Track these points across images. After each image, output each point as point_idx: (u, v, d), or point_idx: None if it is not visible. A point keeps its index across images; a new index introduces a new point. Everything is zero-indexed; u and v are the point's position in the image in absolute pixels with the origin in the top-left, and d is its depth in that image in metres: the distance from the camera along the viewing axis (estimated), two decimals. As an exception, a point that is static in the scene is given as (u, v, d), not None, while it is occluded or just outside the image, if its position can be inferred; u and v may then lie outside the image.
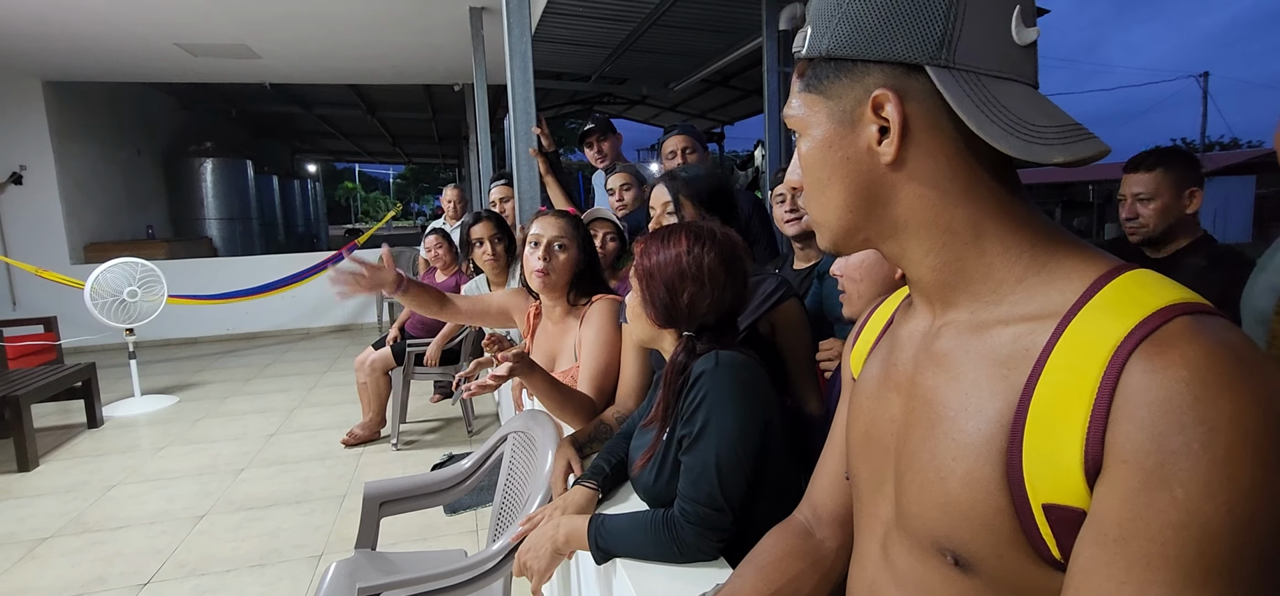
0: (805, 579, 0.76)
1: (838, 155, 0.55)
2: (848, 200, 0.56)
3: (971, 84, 0.48)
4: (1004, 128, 0.47)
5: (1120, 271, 0.47)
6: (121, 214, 7.96)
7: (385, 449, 3.62)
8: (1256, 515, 0.38)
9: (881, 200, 0.55)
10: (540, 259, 1.65)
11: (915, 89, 0.50)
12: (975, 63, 0.49)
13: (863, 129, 0.53)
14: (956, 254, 0.53)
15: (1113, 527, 0.41)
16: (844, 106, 0.54)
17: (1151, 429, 0.40)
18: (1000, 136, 0.47)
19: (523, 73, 2.70)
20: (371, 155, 19.85)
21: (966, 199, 0.52)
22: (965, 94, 0.48)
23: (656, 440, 1.09)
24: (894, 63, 0.50)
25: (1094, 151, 0.47)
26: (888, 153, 0.52)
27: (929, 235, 0.54)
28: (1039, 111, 0.48)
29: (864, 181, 0.54)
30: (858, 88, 0.52)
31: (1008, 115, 0.47)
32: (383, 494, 1.68)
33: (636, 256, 1.16)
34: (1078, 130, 0.48)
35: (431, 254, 4.00)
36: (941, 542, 0.52)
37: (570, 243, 1.68)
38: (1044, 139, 0.47)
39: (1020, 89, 0.49)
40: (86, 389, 4.05)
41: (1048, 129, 0.47)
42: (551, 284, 1.67)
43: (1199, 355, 0.40)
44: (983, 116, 0.47)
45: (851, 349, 0.73)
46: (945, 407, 0.52)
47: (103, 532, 2.74)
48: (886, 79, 0.51)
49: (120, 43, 5.56)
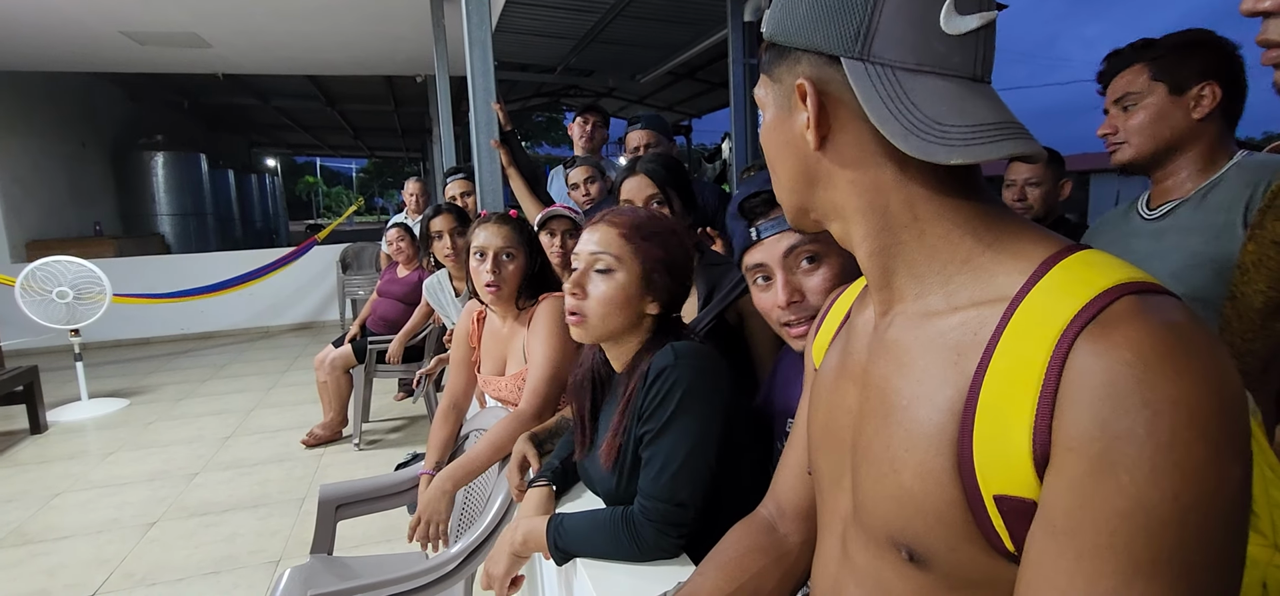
0: (768, 575, 0.75)
1: (782, 137, 0.56)
2: (793, 182, 0.57)
3: (883, 79, 0.48)
4: (905, 126, 0.46)
5: (1069, 251, 0.46)
6: (66, 210, 7.63)
7: (347, 449, 3.53)
8: (1204, 499, 0.37)
9: (820, 183, 0.56)
10: (489, 272, 1.61)
11: (836, 80, 0.50)
12: (892, 57, 0.48)
13: (797, 114, 0.54)
14: (897, 237, 0.53)
15: (1060, 517, 0.40)
16: (783, 90, 0.55)
17: (1096, 413, 0.39)
18: (900, 135, 0.46)
19: (483, 63, 2.64)
20: (333, 149, 19.43)
21: (899, 183, 0.51)
22: (873, 89, 0.47)
23: (612, 438, 1.06)
24: (816, 52, 0.51)
25: (1004, 154, 0.46)
26: (811, 139, 0.52)
27: (866, 218, 0.54)
28: (954, 109, 0.47)
29: (802, 164, 0.56)
30: (790, 74, 0.54)
31: (913, 113, 0.47)
32: (339, 496, 1.63)
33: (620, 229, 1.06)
34: (995, 130, 0.46)
35: (393, 248, 3.91)
36: (896, 537, 0.51)
37: (517, 250, 1.64)
38: (946, 139, 0.45)
39: (943, 83, 0.48)
40: (29, 393, 3.87)
41: (955, 128, 0.46)
42: (502, 297, 1.64)
43: (1143, 336, 0.39)
44: (886, 113, 0.47)
45: (814, 339, 0.73)
46: (898, 397, 0.51)
47: (45, 543, 2.61)
48: (810, 68, 0.52)
49: (62, 30, 5.31)
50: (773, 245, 0.95)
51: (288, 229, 18.00)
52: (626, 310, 1.05)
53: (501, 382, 1.68)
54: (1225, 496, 0.37)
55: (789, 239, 0.94)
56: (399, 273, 3.93)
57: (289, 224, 19.77)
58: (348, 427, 3.67)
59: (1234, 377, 0.39)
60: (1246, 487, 0.39)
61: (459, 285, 2.87)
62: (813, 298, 0.93)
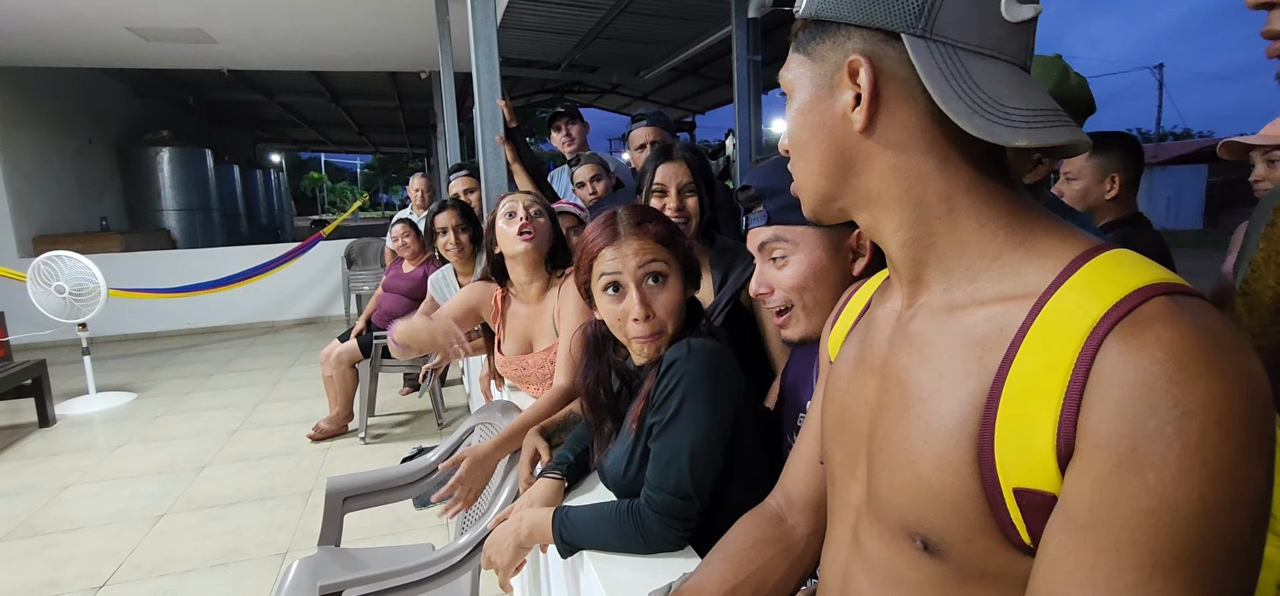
0: (774, 566, 0.75)
1: (816, 119, 0.55)
2: (823, 166, 0.56)
3: (946, 57, 0.48)
4: (970, 105, 0.46)
5: (1099, 251, 0.46)
6: (72, 205, 7.65)
7: (353, 443, 3.55)
8: (1228, 501, 0.37)
9: (855, 168, 0.54)
10: (522, 222, 1.60)
11: (892, 57, 0.50)
12: (954, 36, 0.48)
13: (840, 94, 0.53)
14: (929, 228, 0.53)
15: (1082, 512, 0.40)
16: (825, 70, 0.54)
17: (1125, 411, 0.39)
18: (964, 113, 0.46)
19: (488, 59, 2.64)
20: (338, 145, 19.42)
21: (940, 173, 0.51)
22: (937, 67, 0.47)
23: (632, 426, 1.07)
24: (873, 28, 0.50)
25: (1063, 140, 0.46)
26: (859, 119, 0.51)
27: (901, 208, 0.53)
28: (1015, 93, 0.47)
29: (838, 148, 0.54)
30: (838, 52, 0.52)
31: (977, 93, 0.47)
32: (346, 489, 1.64)
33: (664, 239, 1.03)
34: (1052, 116, 0.47)
35: (398, 244, 3.92)
36: (911, 527, 0.51)
37: (543, 211, 1.66)
38: (1010, 121, 0.46)
39: (1001, 67, 0.49)
40: (37, 387, 3.90)
41: (1017, 111, 0.46)
42: (537, 246, 1.63)
43: (1175, 337, 0.39)
44: (950, 91, 0.47)
45: (830, 332, 0.73)
46: (918, 389, 0.51)
47: (55, 535, 2.64)
48: (864, 44, 0.51)
49: (68, 26, 5.32)
50: (753, 236, 1.03)
51: (293, 224, 18.03)
52: (681, 312, 1.05)
53: (529, 361, 1.67)
54: (1249, 498, 0.38)
55: (763, 234, 1.00)
56: (404, 268, 3.94)
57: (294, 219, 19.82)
58: (353, 422, 3.69)
59: (1264, 381, 0.39)
60: (1269, 490, 0.39)
61: (464, 280, 2.87)
62: (779, 291, 0.99)
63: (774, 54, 5.00)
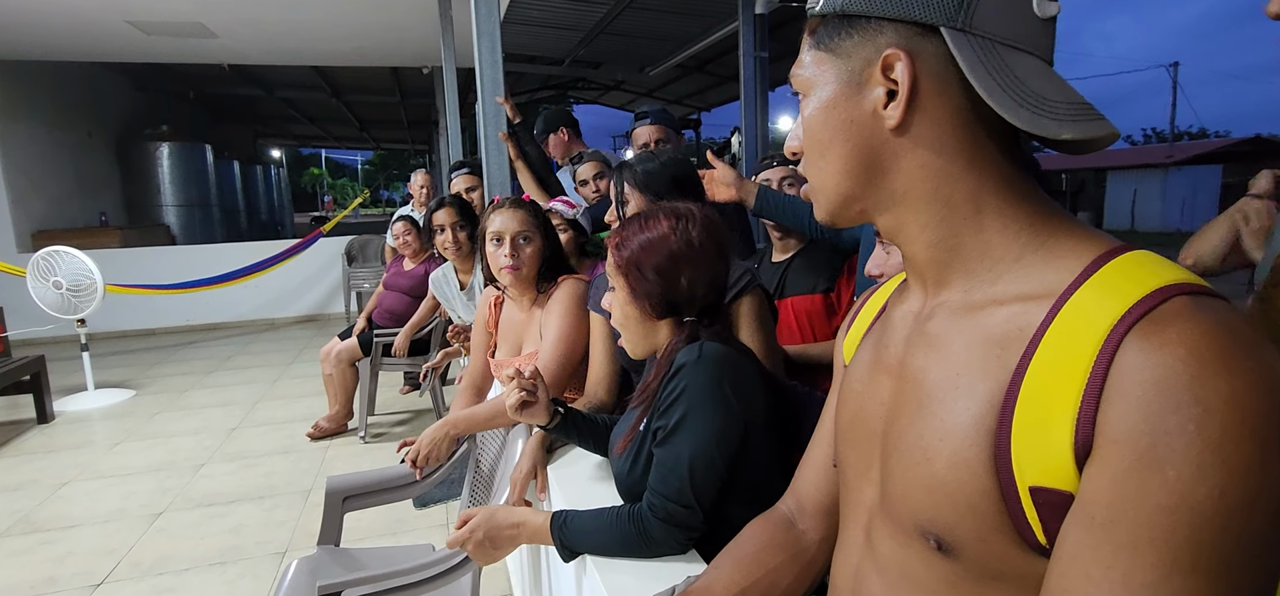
0: (784, 571, 0.74)
1: (841, 117, 0.53)
2: (847, 166, 0.54)
3: (986, 51, 0.47)
4: (1015, 98, 0.46)
5: (1120, 252, 0.46)
6: (71, 200, 7.64)
7: (353, 441, 3.53)
8: (1249, 500, 0.37)
9: (882, 168, 0.53)
10: (507, 256, 1.61)
11: (928, 51, 0.49)
12: (992, 30, 0.48)
13: (869, 90, 0.51)
14: (954, 229, 0.52)
15: (1100, 510, 0.40)
16: (852, 66, 0.52)
17: (1145, 409, 0.38)
18: (1011, 107, 0.45)
19: (491, 54, 2.62)
20: (338, 140, 19.44)
21: (969, 171, 0.51)
22: (979, 60, 0.47)
23: (634, 428, 1.04)
24: (908, 22, 0.49)
25: (1103, 132, 0.46)
26: (893, 116, 0.50)
27: (927, 208, 0.52)
28: (1052, 86, 0.48)
29: (865, 146, 0.53)
30: (868, 47, 0.51)
31: (1021, 86, 0.46)
32: (346, 488, 1.62)
33: (612, 253, 1.06)
34: (1089, 110, 0.47)
35: (399, 241, 3.90)
36: (925, 526, 0.50)
37: (533, 234, 1.64)
38: (1055, 114, 0.46)
39: (1035, 62, 0.49)
40: (35, 382, 3.88)
41: (1059, 104, 0.46)
42: (521, 278, 1.64)
43: (1197, 335, 0.39)
44: (995, 85, 0.46)
45: (845, 336, 0.72)
46: (934, 388, 0.50)
47: (53, 532, 2.62)
48: (899, 38, 0.49)
49: (68, 20, 5.30)
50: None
51: (293, 221, 18.01)
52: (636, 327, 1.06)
53: (515, 362, 1.68)
54: (1271, 497, 0.37)
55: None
56: (405, 265, 3.92)
57: (294, 216, 19.80)
58: (353, 420, 3.67)
59: None
60: None
61: (464, 278, 2.86)
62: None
63: (781, 50, 4.95)
